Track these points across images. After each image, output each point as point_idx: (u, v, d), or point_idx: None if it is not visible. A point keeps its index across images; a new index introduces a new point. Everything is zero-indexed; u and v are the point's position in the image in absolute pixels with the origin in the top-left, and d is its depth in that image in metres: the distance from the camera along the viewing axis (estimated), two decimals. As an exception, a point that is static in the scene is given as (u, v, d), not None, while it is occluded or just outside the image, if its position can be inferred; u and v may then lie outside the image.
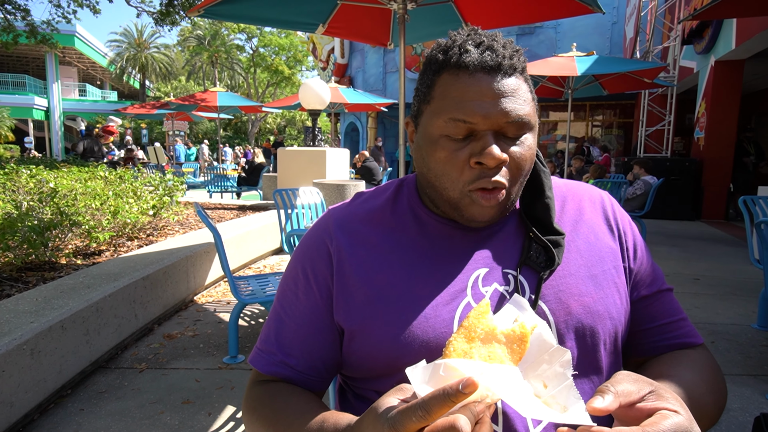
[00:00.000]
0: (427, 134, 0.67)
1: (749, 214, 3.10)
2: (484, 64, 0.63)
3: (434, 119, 0.65)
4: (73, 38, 25.67)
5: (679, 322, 0.75)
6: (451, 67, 0.64)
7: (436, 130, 0.65)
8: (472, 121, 0.62)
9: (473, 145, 0.63)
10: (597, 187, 0.80)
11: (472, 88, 0.62)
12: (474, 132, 0.63)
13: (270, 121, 33.86)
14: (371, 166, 8.25)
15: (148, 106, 14.09)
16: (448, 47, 0.66)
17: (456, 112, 0.63)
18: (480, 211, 0.65)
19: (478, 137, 0.63)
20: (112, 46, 32.88)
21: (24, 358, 1.89)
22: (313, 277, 0.71)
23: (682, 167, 8.04)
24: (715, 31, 7.41)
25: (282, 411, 0.66)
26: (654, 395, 0.50)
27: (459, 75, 0.63)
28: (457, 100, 0.63)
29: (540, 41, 12.41)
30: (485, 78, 0.63)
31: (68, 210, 3.26)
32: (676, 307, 0.76)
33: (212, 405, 2.09)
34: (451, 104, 0.63)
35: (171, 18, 9.90)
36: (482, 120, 0.62)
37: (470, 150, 0.63)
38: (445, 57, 0.65)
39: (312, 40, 18.03)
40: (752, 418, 2.00)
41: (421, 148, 0.69)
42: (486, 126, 0.62)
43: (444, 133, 0.64)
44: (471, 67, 0.63)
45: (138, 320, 2.76)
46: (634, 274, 0.74)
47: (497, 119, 0.62)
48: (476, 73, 0.63)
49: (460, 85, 0.63)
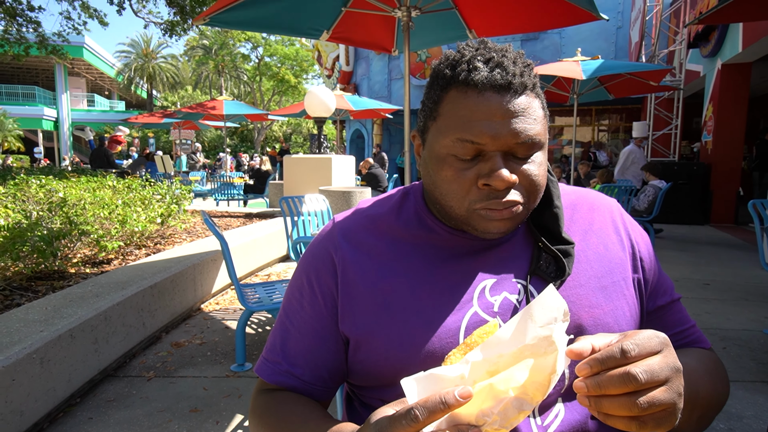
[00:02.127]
0: (433, 152, 0.65)
1: (759, 218, 3.06)
2: (493, 82, 0.60)
3: (441, 138, 0.63)
4: (81, 49, 26.06)
5: (689, 329, 0.75)
6: (459, 84, 0.62)
7: (442, 149, 0.63)
8: (480, 142, 0.60)
9: (481, 166, 0.62)
10: (606, 195, 0.79)
11: (481, 108, 0.60)
12: (482, 152, 0.62)
13: (276, 128, 34.08)
14: (377, 173, 8.26)
15: (155, 115, 14.24)
16: (455, 62, 0.63)
17: (464, 133, 0.61)
18: (493, 225, 0.63)
19: (487, 158, 0.61)
20: (120, 56, 33.35)
21: (34, 367, 1.90)
22: (318, 287, 0.71)
23: (690, 171, 7.99)
24: (721, 35, 7.38)
25: (286, 420, 0.65)
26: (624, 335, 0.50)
27: (467, 93, 0.61)
28: (465, 119, 0.61)
29: (545, 47, 12.41)
30: (494, 97, 0.60)
31: (77, 219, 3.29)
32: (685, 316, 0.76)
33: (220, 413, 2.09)
34: (459, 124, 0.61)
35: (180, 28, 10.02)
36: (491, 141, 0.60)
37: (478, 171, 0.62)
38: (453, 73, 0.63)
39: (317, 48, 18.17)
40: (766, 425, 1.97)
41: (427, 165, 0.68)
42: (495, 147, 0.60)
43: (450, 152, 0.63)
44: (480, 85, 0.60)
45: (146, 328, 2.77)
46: (649, 284, 0.73)
47: (506, 140, 0.60)
48: (485, 92, 0.60)
49: (468, 104, 0.61)
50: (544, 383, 0.45)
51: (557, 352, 0.45)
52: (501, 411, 0.44)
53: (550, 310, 0.46)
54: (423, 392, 0.45)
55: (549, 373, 0.45)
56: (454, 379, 0.45)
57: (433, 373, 0.45)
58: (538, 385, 0.45)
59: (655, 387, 0.45)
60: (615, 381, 0.44)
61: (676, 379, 0.47)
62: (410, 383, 0.45)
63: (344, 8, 3.47)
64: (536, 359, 0.45)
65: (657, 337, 0.48)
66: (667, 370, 0.46)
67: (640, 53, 9.87)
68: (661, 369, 0.45)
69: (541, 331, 0.45)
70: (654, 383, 0.45)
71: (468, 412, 0.44)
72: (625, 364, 0.45)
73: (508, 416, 0.44)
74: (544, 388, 0.45)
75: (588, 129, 13.94)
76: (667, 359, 0.47)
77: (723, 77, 7.66)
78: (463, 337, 0.64)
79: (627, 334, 0.49)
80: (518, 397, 0.45)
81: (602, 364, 0.45)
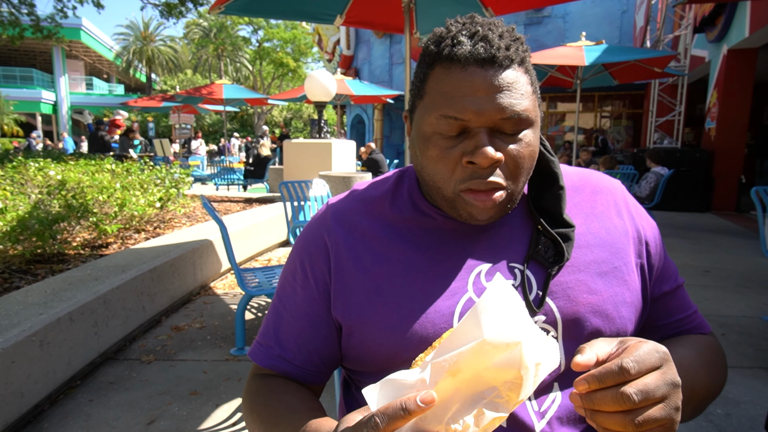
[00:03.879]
0: (419, 131, 0.63)
1: (762, 205, 3.04)
2: (476, 56, 0.58)
3: (426, 116, 0.62)
4: (79, 32, 25.77)
5: (691, 315, 0.75)
6: (443, 59, 0.60)
7: (428, 127, 0.61)
8: (463, 118, 0.58)
9: (466, 143, 0.60)
10: (611, 177, 0.77)
11: (465, 83, 0.58)
12: (467, 129, 0.59)
13: (276, 113, 33.86)
14: (377, 158, 8.22)
15: (154, 98, 14.13)
16: (441, 38, 0.61)
17: (447, 109, 0.59)
18: (477, 211, 0.62)
19: (471, 135, 0.59)
20: (118, 39, 32.97)
21: (33, 349, 1.90)
22: (311, 271, 0.70)
23: (692, 158, 7.94)
24: (727, 19, 7.27)
25: (273, 409, 0.65)
26: (623, 343, 0.49)
27: (451, 68, 0.59)
28: (449, 96, 0.59)
29: (548, 31, 12.25)
30: (478, 71, 0.58)
31: (76, 203, 3.28)
32: (688, 301, 0.75)
33: (219, 396, 2.10)
34: (442, 100, 0.59)
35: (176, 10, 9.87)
36: (475, 117, 0.58)
37: (463, 148, 0.60)
38: (437, 49, 0.61)
39: (318, 31, 17.94)
40: (764, 411, 1.98)
41: (414, 145, 0.66)
42: (479, 123, 0.58)
43: (436, 130, 0.61)
44: (463, 59, 0.58)
45: (146, 312, 2.77)
46: (654, 270, 0.71)
47: (491, 116, 0.58)
48: (468, 67, 0.58)
49: (451, 80, 0.59)
50: (516, 381, 0.43)
51: (521, 344, 0.42)
52: (475, 417, 0.42)
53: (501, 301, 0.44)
54: (384, 399, 0.43)
55: (518, 368, 0.42)
56: (414, 383, 0.42)
57: (394, 378, 0.43)
58: (511, 385, 0.43)
59: (651, 405, 0.45)
60: (609, 400, 0.44)
61: (674, 394, 0.46)
62: (371, 390, 0.43)
63: None
64: (501, 354, 0.42)
65: (657, 352, 0.47)
66: (664, 387, 0.45)
67: (645, 38, 9.74)
68: (658, 387, 0.45)
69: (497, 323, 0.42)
70: (650, 402, 0.44)
71: (435, 418, 0.42)
72: (623, 381, 0.45)
73: (482, 422, 0.42)
74: (517, 387, 0.43)
75: (591, 115, 13.84)
76: (665, 375, 0.46)
77: (728, 63, 7.56)
78: (456, 322, 0.63)
79: (629, 346, 0.48)
80: (491, 400, 0.42)
81: (600, 382, 0.45)
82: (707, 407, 0.68)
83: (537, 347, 0.44)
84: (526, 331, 0.43)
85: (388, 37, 14.53)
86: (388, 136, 16.11)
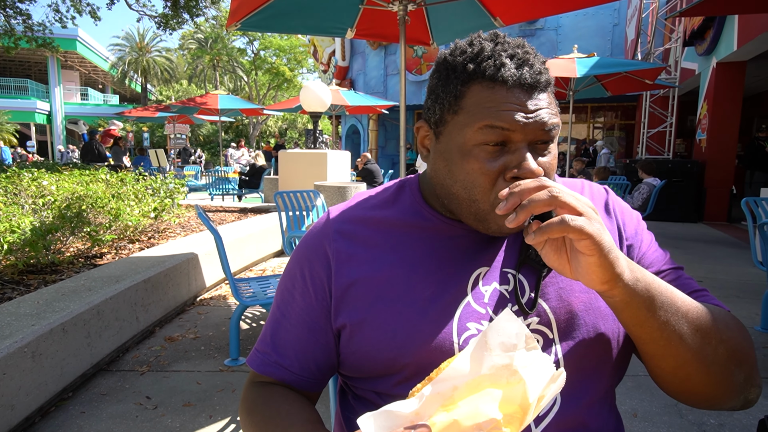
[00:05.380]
0: (456, 145, 0.64)
1: (752, 216, 3.08)
2: (523, 80, 0.61)
3: (465, 129, 0.63)
4: (75, 42, 25.79)
5: (696, 292, 0.69)
6: (486, 79, 0.61)
7: (468, 141, 0.62)
8: (510, 128, 0.60)
9: (508, 158, 0.61)
10: (598, 183, 0.80)
11: (511, 100, 0.61)
12: (508, 143, 0.62)
13: (271, 123, 33.92)
14: (373, 168, 8.25)
15: (149, 109, 14.14)
16: (478, 56, 0.62)
17: (493, 119, 0.60)
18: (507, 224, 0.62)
19: (513, 150, 0.61)
20: (114, 49, 33.01)
21: (25, 361, 1.88)
22: (310, 278, 0.71)
23: (684, 169, 8.03)
24: (716, 33, 7.41)
25: (270, 420, 0.65)
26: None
27: (495, 88, 0.61)
28: (495, 109, 0.61)
29: (541, 43, 12.41)
30: (523, 94, 0.61)
31: (70, 213, 3.27)
32: (691, 284, 0.72)
33: (213, 407, 2.08)
34: (488, 113, 0.61)
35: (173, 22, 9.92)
36: (520, 128, 0.60)
37: (505, 163, 0.61)
38: (477, 68, 0.62)
39: (313, 42, 18.06)
40: (756, 420, 1.99)
41: (445, 159, 0.66)
42: (522, 137, 0.61)
43: (478, 141, 0.62)
44: (509, 81, 0.61)
45: (139, 323, 2.76)
46: (636, 256, 0.72)
47: (535, 130, 0.61)
48: (514, 89, 0.61)
49: (496, 97, 0.61)
50: (517, 416, 0.42)
51: (524, 383, 0.42)
52: None
53: (507, 337, 0.44)
54: (379, 429, 0.43)
55: (519, 404, 0.42)
56: (408, 415, 0.42)
57: (389, 409, 0.43)
58: (510, 418, 0.42)
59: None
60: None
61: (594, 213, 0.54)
62: (367, 420, 0.43)
63: (361, 6, 3.52)
64: (502, 390, 0.42)
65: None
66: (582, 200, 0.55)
67: (636, 51, 9.89)
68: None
69: (498, 360, 0.43)
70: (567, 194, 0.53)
71: None
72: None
73: None
74: (517, 422, 0.42)
75: (583, 126, 13.98)
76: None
77: (718, 75, 7.69)
78: (456, 328, 0.64)
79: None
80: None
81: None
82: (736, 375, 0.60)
83: (542, 382, 0.44)
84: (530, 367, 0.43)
85: (383, 48, 14.66)
86: (383, 146, 16.17)
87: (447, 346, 0.63)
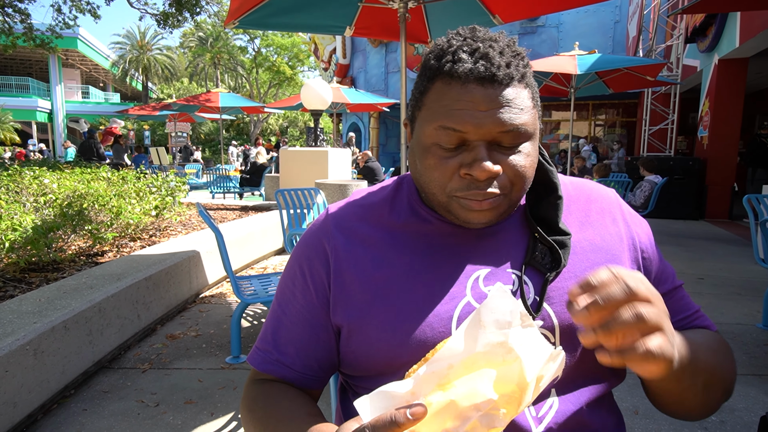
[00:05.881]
0: (419, 140, 0.65)
1: (754, 213, 3.08)
2: (477, 74, 0.59)
3: (425, 126, 0.63)
4: (75, 41, 25.79)
5: (694, 314, 0.74)
6: (444, 75, 0.61)
7: (427, 138, 0.63)
8: (462, 130, 0.59)
9: (464, 156, 0.61)
10: (605, 186, 0.78)
11: (464, 98, 0.59)
12: (466, 142, 0.61)
13: (272, 122, 33.91)
14: (374, 166, 8.25)
15: (150, 107, 14.14)
16: (442, 52, 0.62)
17: (446, 121, 0.60)
18: (473, 215, 0.63)
19: (470, 148, 0.60)
20: (114, 48, 33.00)
21: (27, 359, 1.89)
22: (310, 276, 0.71)
23: (686, 166, 8.01)
24: (718, 30, 7.38)
25: (273, 414, 0.65)
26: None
27: (451, 84, 0.60)
28: (448, 108, 0.60)
29: (542, 40, 12.38)
30: (478, 89, 0.59)
31: (71, 211, 3.27)
32: (689, 302, 0.75)
33: (215, 405, 2.09)
34: (442, 112, 0.60)
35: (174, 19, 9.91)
36: (474, 129, 0.59)
37: (461, 160, 0.61)
38: (438, 64, 0.62)
39: (314, 40, 18.04)
40: (758, 417, 1.99)
41: (414, 153, 0.68)
42: (478, 136, 0.59)
43: (435, 141, 0.62)
44: (463, 77, 0.59)
45: (141, 321, 2.76)
46: (651, 275, 0.72)
47: (490, 129, 0.59)
48: (468, 84, 0.59)
49: (451, 94, 0.60)
50: (515, 396, 0.42)
51: (520, 360, 0.41)
52: (468, 430, 0.41)
53: (501, 314, 0.43)
54: (376, 410, 0.42)
55: (516, 383, 0.42)
56: (404, 395, 0.42)
57: (385, 390, 0.43)
58: (508, 398, 0.42)
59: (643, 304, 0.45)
60: (615, 290, 0.44)
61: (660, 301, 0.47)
62: (363, 402, 0.43)
63: (360, 3, 3.51)
64: (497, 369, 0.41)
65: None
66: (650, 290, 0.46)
67: (638, 48, 9.86)
68: (647, 289, 0.45)
69: (492, 337, 0.42)
70: (652, 299, 0.45)
71: (429, 430, 0.42)
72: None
73: None
74: (515, 402, 0.42)
75: (585, 124, 13.95)
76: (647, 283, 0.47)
77: (720, 72, 7.66)
78: (455, 327, 0.64)
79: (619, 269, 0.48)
80: (487, 413, 0.41)
81: (599, 282, 0.45)
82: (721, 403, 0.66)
83: (539, 360, 0.43)
84: (526, 345, 0.42)
85: (384, 46, 14.64)
86: (384, 144, 16.17)
87: None
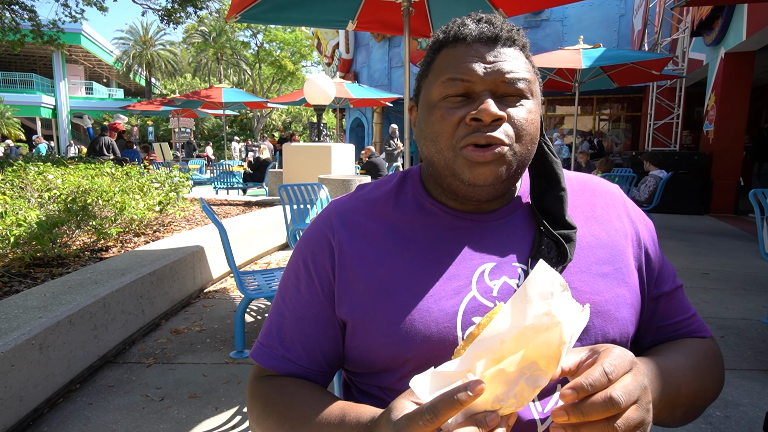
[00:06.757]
0: (426, 103, 0.68)
1: (760, 208, 3.05)
2: (481, 35, 0.64)
3: (432, 87, 0.67)
4: (79, 36, 25.81)
5: (690, 318, 0.74)
6: (450, 42, 0.66)
7: (434, 96, 0.66)
8: (469, 79, 0.63)
9: (470, 106, 0.64)
10: (609, 181, 0.78)
11: (470, 53, 0.64)
12: (471, 93, 0.64)
13: (275, 117, 33.90)
14: (377, 161, 8.24)
15: (154, 102, 14.15)
16: (447, 27, 0.68)
17: (453, 72, 0.64)
18: (478, 171, 0.62)
19: (476, 98, 0.63)
20: (118, 43, 33.05)
21: (33, 353, 1.90)
22: (315, 270, 0.70)
23: (691, 161, 7.96)
24: (725, 23, 7.30)
25: (296, 406, 0.64)
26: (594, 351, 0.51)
27: (457, 47, 0.65)
28: (455, 63, 0.64)
29: (546, 34, 12.30)
30: (482, 47, 0.64)
31: (76, 206, 3.28)
32: (687, 304, 0.75)
33: (219, 399, 2.10)
34: (449, 68, 0.64)
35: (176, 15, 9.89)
36: (479, 79, 0.62)
37: (467, 110, 0.63)
38: (444, 35, 0.67)
39: (317, 35, 17.99)
40: (763, 413, 1.98)
41: (420, 121, 0.69)
42: (483, 86, 0.63)
43: (442, 95, 0.65)
44: (468, 38, 0.64)
45: (145, 315, 2.77)
46: (654, 272, 0.72)
47: (494, 79, 0.62)
48: (473, 44, 0.64)
49: (457, 54, 0.64)
50: (555, 356, 0.45)
51: (561, 324, 0.45)
52: (517, 392, 0.44)
53: (544, 286, 0.46)
54: (434, 389, 0.45)
55: (557, 345, 0.45)
56: (460, 373, 0.45)
57: (441, 370, 0.46)
58: (550, 359, 0.45)
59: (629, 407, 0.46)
60: (598, 407, 0.44)
61: (645, 396, 0.48)
62: (421, 381, 0.46)
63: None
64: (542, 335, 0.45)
65: (627, 355, 0.49)
66: (639, 389, 0.47)
67: (643, 41, 9.78)
68: (635, 389, 0.47)
69: (539, 309, 0.45)
70: (630, 404, 0.46)
71: (483, 400, 0.44)
72: (607, 386, 0.46)
73: (525, 395, 0.45)
74: (555, 361, 0.45)
75: (589, 118, 13.87)
76: (637, 378, 0.48)
77: (726, 66, 7.59)
78: (460, 322, 0.63)
79: (599, 352, 0.50)
80: (532, 375, 0.45)
81: (591, 388, 0.45)
82: (704, 410, 0.67)
83: (574, 321, 0.47)
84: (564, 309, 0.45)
85: (387, 41, 14.58)
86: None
87: (450, 340, 0.62)
